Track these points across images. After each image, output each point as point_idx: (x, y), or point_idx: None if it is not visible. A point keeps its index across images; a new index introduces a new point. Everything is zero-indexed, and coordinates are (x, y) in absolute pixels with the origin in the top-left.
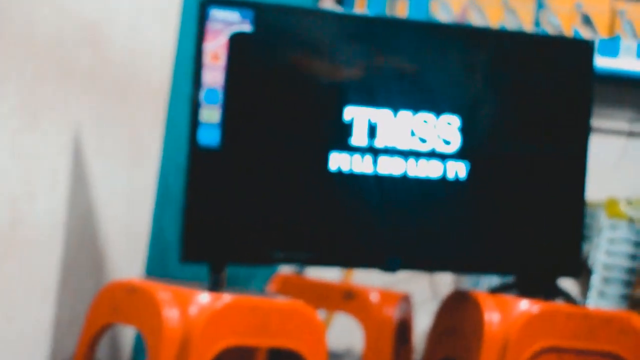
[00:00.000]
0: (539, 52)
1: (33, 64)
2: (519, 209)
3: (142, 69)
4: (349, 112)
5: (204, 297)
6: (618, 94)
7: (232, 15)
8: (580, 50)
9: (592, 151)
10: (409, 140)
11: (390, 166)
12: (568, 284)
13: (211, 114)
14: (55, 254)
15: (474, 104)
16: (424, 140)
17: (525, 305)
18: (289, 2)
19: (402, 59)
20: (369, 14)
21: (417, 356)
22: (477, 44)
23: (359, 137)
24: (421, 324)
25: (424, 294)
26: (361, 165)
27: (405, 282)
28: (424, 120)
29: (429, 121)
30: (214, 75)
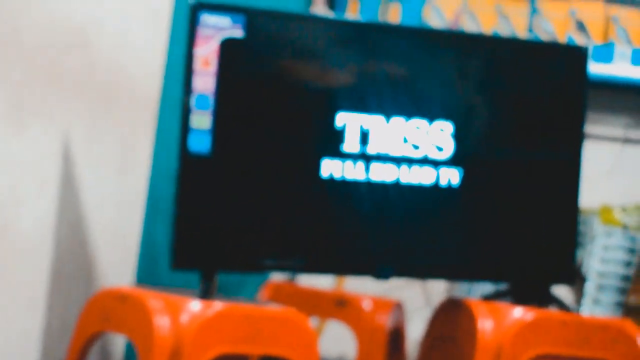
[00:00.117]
0: (533, 58)
1: (21, 70)
2: (512, 216)
3: (132, 74)
4: (341, 119)
5: (195, 305)
6: (612, 100)
7: (223, 20)
8: (574, 57)
9: (587, 157)
10: (401, 146)
11: (383, 173)
12: (562, 292)
13: (202, 120)
14: (44, 262)
15: (467, 110)
16: (416, 147)
17: (518, 312)
18: (281, 7)
19: (395, 64)
20: (361, 19)
21: None
22: (470, 50)
23: (351, 144)
24: (414, 331)
25: (417, 301)
26: (353, 172)
27: (398, 289)
28: (417, 127)
29: (421, 127)
30: (204, 81)
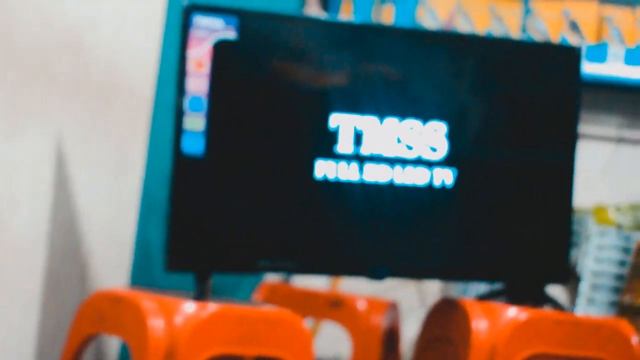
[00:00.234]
0: (526, 58)
1: (14, 72)
2: (506, 216)
3: (126, 76)
4: (334, 120)
5: (189, 306)
6: (606, 100)
7: (216, 22)
8: (567, 57)
9: (581, 157)
10: (395, 147)
11: (377, 174)
12: (557, 291)
13: (195, 121)
14: (38, 263)
15: (460, 110)
16: (410, 148)
17: (512, 312)
18: (274, 8)
19: (388, 65)
20: (354, 20)
21: None
22: (464, 50)
23: (344, 145)
24: (409, 331)
25: (412, 301)
26: (347, 172)
27: (393, 289)
28: (411, 127)
29: (415, 128)
30: (198, 82)
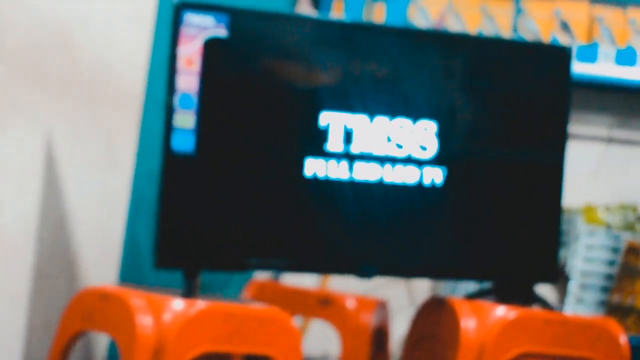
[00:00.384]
0: (517, 58)
1: (3, 69)
2: (496, 215)
3: (116, 74)
4: (324, 118)
5: (177, 303)
6: (597, 100)
7: (207, 19)
8: (557, 57)
9: (571, 157)
10: (385, 146)
11: (366, 172)
12: (546, 291)
13: (185, 119)
14: (27, 261)
15: (451, 109)
16: (400, 146)
17: (501, 311)
18: (265, 7)
19: (379, 64)
20: (345, 19)
21: None
22: (455, 49)
23: (334, 143)
24: (398, 330)
25: (401, 300)
26: (337, 171)
27: (382, 288)
28: (401, 126)
29: (405, 127)
30: (188, 80)
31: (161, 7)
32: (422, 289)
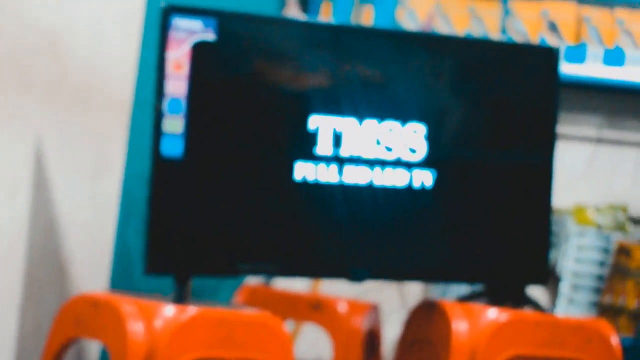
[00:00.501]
0: (505, 59)
1: None
2: (486, 217)
3: (105, 78)
4: (314, 121)
5: (169, 310)
6: (586, 100)
7: (195, 24)
8: (545, 58)
9: (561, 158)
10: (374, 149)
11: (356, 175)
12: (537, 292)
13: (174, 124)
14: (17, 267)
15: (440, 112)
16: (390, 149)
17: (493, 314)
18: (253, 10)
19: (368, 67)
20: (334, 22)
21: None
22: (443, 52)
23: (324, 147)
24: (390, 334)
25: (393, 303)
26: (327, 174)
27: (374, 292)
28: (390, 129)
29: (394, 130)
30: (177, 84)
31: (149, 12)
32: (414, 292)
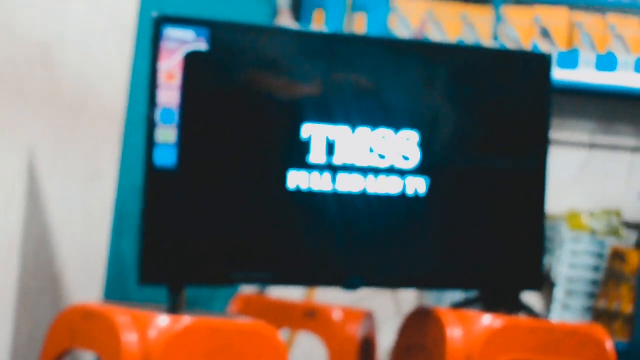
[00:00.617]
0: (497, 66)
1: None
2: (480, 224)
3: (97, 89)
4: (306, 130)
5: (163, 320)
6: (579, 106)
7: (187, 33)
8: (538, 64)
9: (554, 163)
10: (367, 156)
11: (349, 183)
12: (532, 298)
13: (167, 134)
14: (10, 279)
15: (432, 119)
16: (383, 157)
17: (487, 320)
18: (245, 19)
19: (360, 75)
20: (326, 30)
21: None
22: (435, 59)
23: (317, 155)
24: (385, 341)
25: (388, 310)
26: (320, 183)
27: (369, 299)
28: (383, 137)
29: (387, 137)
30: (169, 94)
31: (141, 22)
32: (408, 299)
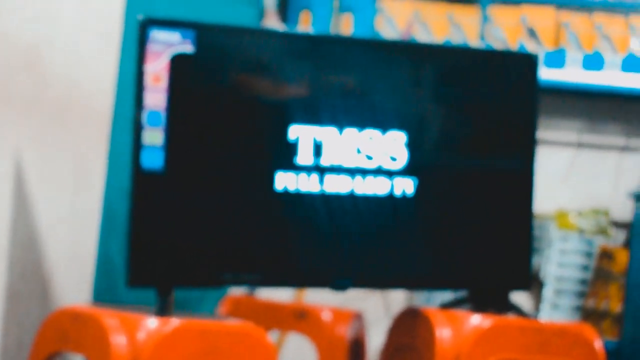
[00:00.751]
0: (484, 66)
1: None
2: (468, 224)
3: (84, 92)
4: (293, 131)
5: (152, 322)
6: (566, 105)
7: (173, 36)
8: (524, 64)
9: (542, 163)
10: (355, 157)
11: (337, 184)
12: (521, 298)
13: (154, 136)
14: None
15: (420, 119)
16: (370, 158)
17: (476, 320)
18: (231, 21)
19: (347, 76)
20: (312, 32)
21: None
22: (422, 60)
23: (304, 156)
24: (374, 341)
25: (377, 311)
26: (307, 184)
27: (358, 300)
28: (370, 137)
29: (374, 138)
30: (156, 97)
31: (127, 25)
32: (397, 299)
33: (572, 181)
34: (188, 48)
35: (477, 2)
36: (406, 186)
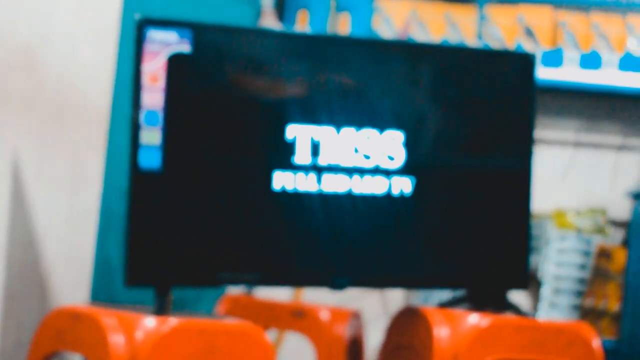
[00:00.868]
0: (481, 65)
1: None
2: (466, 223)
3: (81, 92)
4: (291, 131)
5: (149, 321)
6: (563, 104)
7: (170, 35)
8: (521, 63)
9: (539, 162)
10: (352, 157)
11: (335, 184)
12: (519, 297)
13: (152, 136)
14: None
15: (417, 119)
16: (368, 157)
17: (474, 319)
18: (229, 21)
19: (344, 75)
20: (310, 30)
21: None
22: (420, 59)
23: (302, 156)
24: (373, 340)
25: (375, 310)
26: (305, 183)
27: (356, 299)
28: (368, 137)
29: (372, 137)
30: (153, 96)
31: (124, 24)
32: (395, 298)
33: (570, 180)
34: (185, 48)
35: (475, 2)
36: (404, 185)
